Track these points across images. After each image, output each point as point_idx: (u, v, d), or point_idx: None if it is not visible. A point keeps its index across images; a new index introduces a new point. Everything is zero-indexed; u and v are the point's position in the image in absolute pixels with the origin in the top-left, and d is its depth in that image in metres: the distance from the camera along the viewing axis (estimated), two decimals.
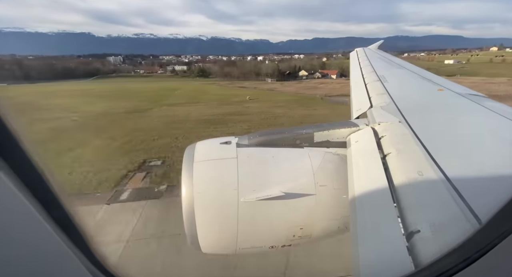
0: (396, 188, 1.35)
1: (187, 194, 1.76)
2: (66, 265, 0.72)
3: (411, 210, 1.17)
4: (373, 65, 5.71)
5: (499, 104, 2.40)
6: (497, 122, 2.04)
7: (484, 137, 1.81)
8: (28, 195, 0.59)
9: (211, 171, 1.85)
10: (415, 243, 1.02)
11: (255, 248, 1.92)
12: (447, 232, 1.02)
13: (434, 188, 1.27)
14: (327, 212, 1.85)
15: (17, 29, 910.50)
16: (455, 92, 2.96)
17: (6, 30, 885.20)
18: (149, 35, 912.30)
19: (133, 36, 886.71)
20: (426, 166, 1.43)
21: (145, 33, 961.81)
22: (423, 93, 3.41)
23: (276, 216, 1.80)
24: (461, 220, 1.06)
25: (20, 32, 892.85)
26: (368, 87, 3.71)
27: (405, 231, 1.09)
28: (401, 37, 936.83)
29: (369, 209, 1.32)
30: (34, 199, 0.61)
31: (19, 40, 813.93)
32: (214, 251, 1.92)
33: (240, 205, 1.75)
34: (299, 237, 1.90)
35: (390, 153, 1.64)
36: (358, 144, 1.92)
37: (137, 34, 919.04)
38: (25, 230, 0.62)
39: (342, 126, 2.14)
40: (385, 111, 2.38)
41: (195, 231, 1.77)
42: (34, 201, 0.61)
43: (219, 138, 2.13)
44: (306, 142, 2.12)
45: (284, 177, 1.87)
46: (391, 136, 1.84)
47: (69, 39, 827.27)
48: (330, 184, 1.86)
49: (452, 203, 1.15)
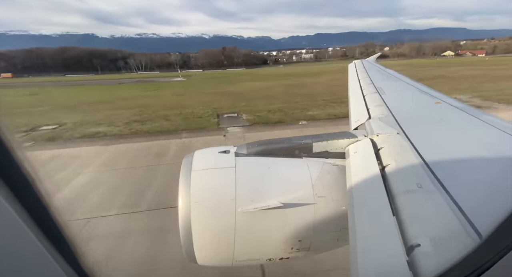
0: (395, 200, 1.34)
1: (184, 203, 1.73)
2: (47, 270, 0.70)
3: (411, 223, 1.16)
4: (371, 77, 5.80)
5: (495, 118, 2.43)
6: (494, 136, 2.07)
7: (482, 151, 1.82)
8: (12, 200, 0.59)
9: (209, 180, 1.84)
10: (416, 257, 1.00)
11: (252, 261, 1.88)
12: (448, 246, 1.01)
13: (434, 201, 1.26)
14: (326, 224, 1.82)
15: (21, 32, 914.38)
16: (452, 106, 3.00)
17: (11, 33, 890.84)
18: (152, 35, 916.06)
19: (136, 36, 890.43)
20: (425, 178, 1.43)
21: (147, 33, 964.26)
22: (420, 105, 3.46)
23: (274, 227, 1.77)
24: (461, 234, 1.05)
25: (24, 34, 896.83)
26: (366, 99, 3.76)
27: (405, 245, 1.08)
28: (404, 31, 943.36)
29: (368, 221, 1.30)
30: (18, 204, 0.60)
31: (24, 42, 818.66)
32: (210, 263, 1.87)
33: (238, 215, 1.72)
34: (298, 250, 1.86)
35: (388, 164, 1.64)
36: (356, 155, 1.92)
37: (139, 34, 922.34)
38: (8, 235, 0.61)
39: (341, 136, 2.15)
40: (383, 123, 2.40)
41: (191, 242, 1.73)
42: (18, 206, 0.60)
43: (218, 147, 2.12)
44: (305, 152, 2.11)
45: (283, 187, 1.85)
46: (389, 147, 1.85)
47: (74, 40, 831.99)
48: (329, 195, 1.84)
49: (452, 216, 1.14)
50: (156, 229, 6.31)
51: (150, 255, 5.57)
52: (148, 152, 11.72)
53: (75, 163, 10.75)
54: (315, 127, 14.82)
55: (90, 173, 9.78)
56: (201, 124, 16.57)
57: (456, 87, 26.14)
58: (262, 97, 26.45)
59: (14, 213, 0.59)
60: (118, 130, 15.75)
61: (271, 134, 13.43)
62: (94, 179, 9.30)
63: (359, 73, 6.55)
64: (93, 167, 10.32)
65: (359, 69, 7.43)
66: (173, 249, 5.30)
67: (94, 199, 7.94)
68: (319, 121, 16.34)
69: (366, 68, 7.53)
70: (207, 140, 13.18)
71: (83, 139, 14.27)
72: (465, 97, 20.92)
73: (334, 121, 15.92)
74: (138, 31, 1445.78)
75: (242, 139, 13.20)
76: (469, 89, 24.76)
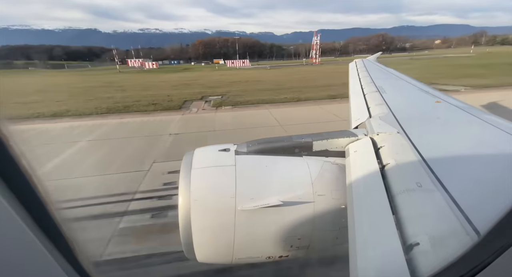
0: (394, 199, 1.34)
1: (184, 201, 1.74)
2: (47, 271, 0.70)
3: (410, 222, 1.16)
4: (372, 76, 5.79)
5: (495, 117, 2.43)
6: (494, 135, 2.06)
7: (482, 150, 1.82)
8: (13, 201, 0.58)
9: (209, 178, 1.84)
10: (415, 256, 1.01)
11: (252, 258, 1.89)
12: (447, 245, 1.01)
13: (433, 200, 1.27)
14: (325, 222, 1.83)
15: (24, 26, 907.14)
16: (453, 105, 3.00)
17: (13, 28, 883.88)
18: (154, 30, 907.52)
19: (139, 31, 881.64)
20: (425, 177, 1.43)
21: (150, 28, 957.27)
22: (421, 104, 3.45)
23: (274, 225, 1.78)
24: (460, 232, 1.05)
25: (27, 29, 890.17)
26: (366, 98, 3.75)
27: (404, 243, 1.08)
28: (407, 27, 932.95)
29: (367, 220, 1.30)
30: (19, 205, 0.60)
31: (28, 37, 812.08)
32: (209, 260, 1.88)
33: (237, 213, 1.72)
34: (297, 248, 1.87)
35: (388, 163, 1.64)
36: (356, 154, 1.92)
37: (142, 29, 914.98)
38: (7, 234, 0.61)
39: (341, 135, 2.15)
40: (383, 122, 2.40)
41: (191, 240, 1.74)
42: (19, 207, 0.60)
43: (218, 145, 2.13)
44: (305, 151, 2.12)
45: (283, 185, 1.86)
46: (389, 146, 1.85)
47: (77, 35, 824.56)
48: (328, 193, 1.85)
49: (451, 215, 1.14)
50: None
51: None
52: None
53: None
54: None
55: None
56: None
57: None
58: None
59: (13, 212, 0.59)
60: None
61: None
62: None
63: (359, 72, 6.54)
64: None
65: (360, 68, 7.41)
66: None
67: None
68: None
69: (367, 67, 7.51)
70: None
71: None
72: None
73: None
74: (138, 26, 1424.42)
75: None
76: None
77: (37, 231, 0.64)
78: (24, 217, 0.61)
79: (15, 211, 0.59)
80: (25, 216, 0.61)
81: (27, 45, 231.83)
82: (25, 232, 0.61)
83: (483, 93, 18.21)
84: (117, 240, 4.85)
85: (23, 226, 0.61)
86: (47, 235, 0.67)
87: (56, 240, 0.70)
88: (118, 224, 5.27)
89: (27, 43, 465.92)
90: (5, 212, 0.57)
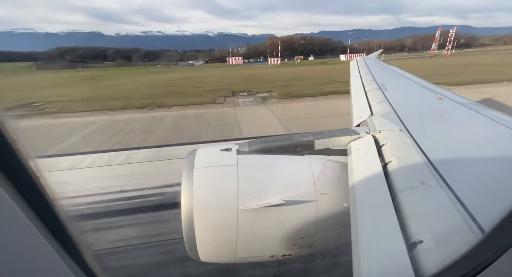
0: (397, 197, 1.33)
1: (186, 201, 1.74)
2: (55, 272, 0.70)
3: (413, 220, 1.15)
4: (373, 73, 5.76)
5: (498, 113, 2.41)
6: (496, 131, 2.04)
7: (485, 146, 1.80)
8: (21, 202, 0.59)
9: (211, 178, 1.84)
10: (418, 254, 1.00)
11: (255, 257, 1.89)
12: (450, 242, 1.00)
13: (436, 197, 1.26)
14: (328, 221, 1.82)
15: (28, 30, 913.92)
16: (455, 101, 2.97)
17: (18, 32, 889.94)
18: (157, 32, 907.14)
19: (141, 34, 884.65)
20: (428, 174, 1.42)
21: (152, 31, 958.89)
22: (423, 101, 3.43)
23: (276, 224, 1.78)
24: (464, 230, 1.04)
25: (31, 33, 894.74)
26: (368, 95, 3.73)
27: (408, 241, 1.08)
28: (408, 28, 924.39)
29: (370, 218, 1.30)
30: (27, 206, 0.60)
31: (32, 40, 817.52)
32: (212, 259, 1.88)
33: (240, 212, 1.72)
34: (300, 247, 1.87)
35: (391, 161, 1.63)
36: (359, 152, 1.91)
37: (144, 32, 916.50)
38: (17, 236, 0.62)
39: (342, 133, 2.14)
40: (385, 119, 2.39)
41: (194, 239, 1.74)
42: (27, 208, 0.60)
43: (220, 145, 2.13)
44: (307, 150, 2.11)
45: (285, 184, 1.85)
46: (392, 144, 1.84)
47: (80, 38, 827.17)
48: (331, 192, 1.84)
49: (455, 212, 1.13)
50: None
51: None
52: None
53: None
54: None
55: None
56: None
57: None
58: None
59: (21, 213, 0.59)
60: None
61: None
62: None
63: (361, 70, 6.51)
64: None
65: (361, 66, 7.37)
66: None
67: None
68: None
69: (368, 65, 7.47)
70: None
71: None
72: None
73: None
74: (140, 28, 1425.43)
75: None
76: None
77: (45, 232, 0.65)
78: (33, 218, 0.62)
79: (23, 212, 0.59)
80: (34, 217, 0.62)
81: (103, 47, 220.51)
82: (34, 233, 0.62)
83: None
84: None
85: (31, 227, 0.61)
86: (55, 236, 0.67)
87: (65, 241, 0.70)
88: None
89: (32, 48, 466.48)
90: (14, 213, 0.58)
